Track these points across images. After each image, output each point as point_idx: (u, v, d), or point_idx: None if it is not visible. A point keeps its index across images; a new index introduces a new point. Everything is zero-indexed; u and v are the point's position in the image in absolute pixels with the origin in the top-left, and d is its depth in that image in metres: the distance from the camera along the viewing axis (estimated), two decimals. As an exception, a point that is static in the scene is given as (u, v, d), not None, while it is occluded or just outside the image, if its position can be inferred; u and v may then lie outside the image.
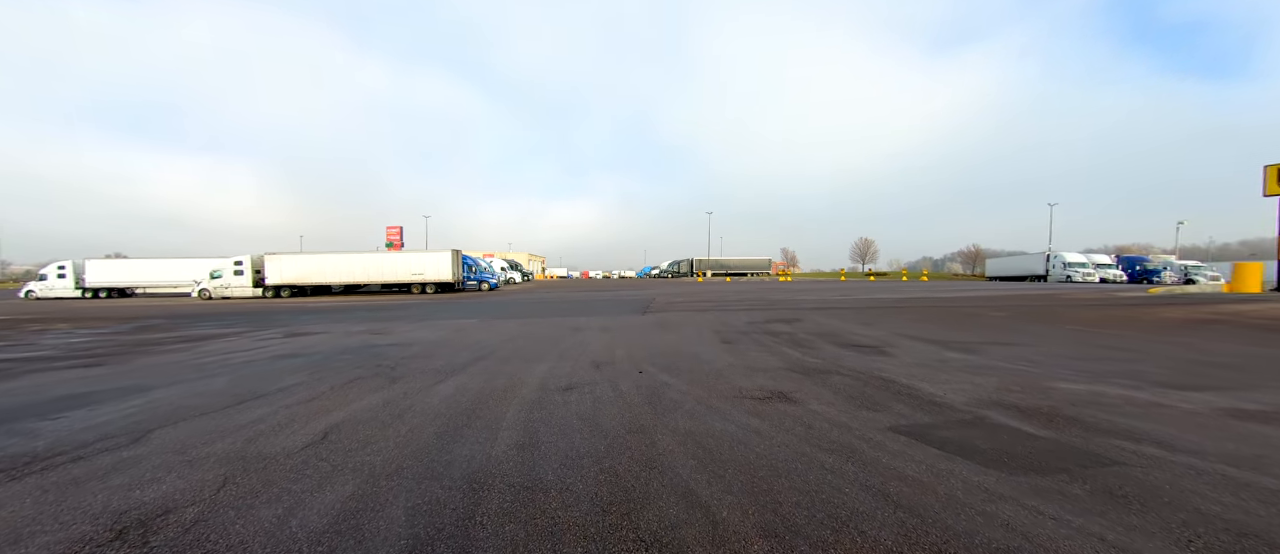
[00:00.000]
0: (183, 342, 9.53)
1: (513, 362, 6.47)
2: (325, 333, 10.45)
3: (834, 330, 9.40)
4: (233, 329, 11.73)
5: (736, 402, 4.34)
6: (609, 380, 5.27)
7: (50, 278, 34.24)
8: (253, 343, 9.05)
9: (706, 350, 7.19)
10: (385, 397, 4.67)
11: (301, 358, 7.08)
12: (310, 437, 3.52)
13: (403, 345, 8.17)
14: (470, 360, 6.60)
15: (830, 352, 6.97)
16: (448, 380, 5.36)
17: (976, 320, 10.95)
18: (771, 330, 9.54)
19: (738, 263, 77.33)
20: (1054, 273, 45.02)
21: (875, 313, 12.92)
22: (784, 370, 5.68)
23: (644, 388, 4.89)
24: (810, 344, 7.70)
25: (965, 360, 6.17)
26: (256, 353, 7.70)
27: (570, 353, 7.09)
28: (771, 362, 6.24)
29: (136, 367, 6.68)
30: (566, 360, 6.52)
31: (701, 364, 6.12)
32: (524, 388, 4.97)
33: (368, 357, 7.07)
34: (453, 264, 31.52)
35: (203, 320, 14.52)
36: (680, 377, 5.39)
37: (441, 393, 4.80)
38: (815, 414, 3.92)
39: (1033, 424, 3.59)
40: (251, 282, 30.77)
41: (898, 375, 5.30)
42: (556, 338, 8.75)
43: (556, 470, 2.88)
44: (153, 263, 35.91)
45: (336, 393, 4.87)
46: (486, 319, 12.73)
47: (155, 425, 3.85)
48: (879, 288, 30.09)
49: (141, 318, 15.93)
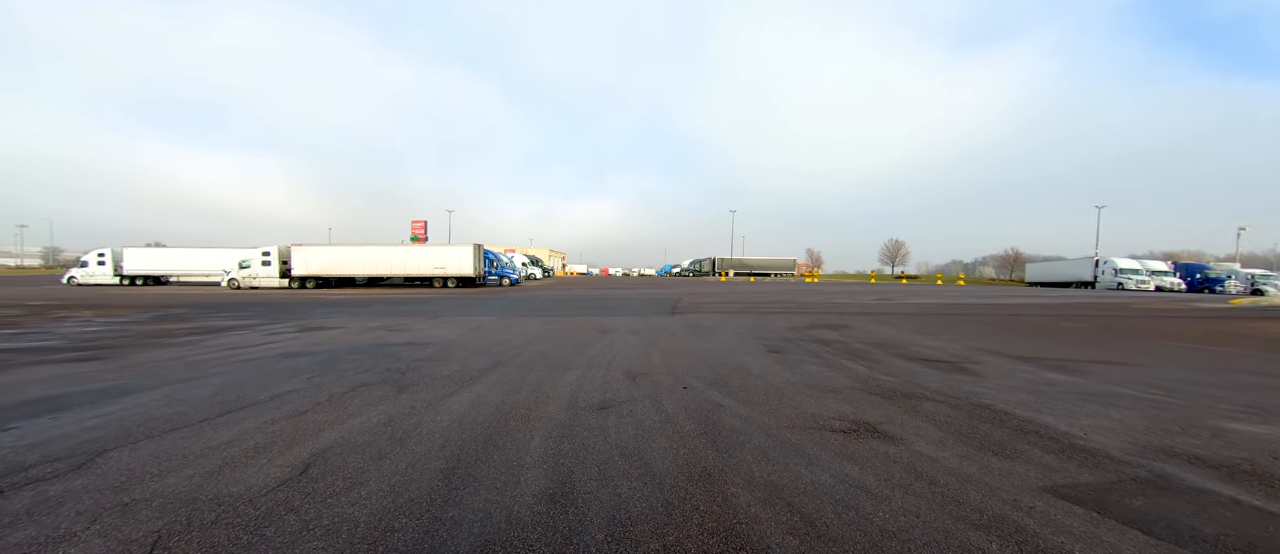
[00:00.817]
0: (194, 334, 9.11)
1: (536, 368, 5.72)
2: (340, 328, 9.92)
3: (892, 340, 8.37)
4: (249, 321, 11.35)
5: (815, 435, 3.46)
6: (649, 397, 4.45)
7: (91, 265, 35.29)
8: (263, 338, 8.54)
9: (753, 361, 6.30)
10: (389, 411, 3.95)
11: (307, 358, 6.47)
12: (287, 470, 2.79)
13: (417, 345, 7.52)
14: (489, 366, 5.87)
15: (901, 367, 5.99)
16: (462, 391, 4.63)
17: (1051, 332, 9.75)
18: (819, 338, 8.57)
19: (761, 262, 75.59)
20: (1103, 279, 42.27)
21: (928, 320, 11.78)
22: (857, 391, 4.76)
23: (694, 410, 4.05)
24: (872, 357, 6.72)
25: (1076, 384, 5.12)
26: (263, 350, 7.15)
27: (600, 359, 6.30)
28: (837, 379, 5.31)
29: (132, 363, 6.16)
30: (596, 368, 5.72)
31: (753, 379, 5.24)
32: (550, 404, 4.18)
33: (378, 358, 6.42)
34: (474, 259, 31.17)
35: (223, 311, 14.28)
36: (733, 395, 4.53)
37: (454, 409, 4.06)
38: (928, 460, 3.01)
39: (1248, 490, 2.61)
40: (278, 272, 31.01)
41: (1005, 404, 4.33)
42: (583, 341, 7.98)
43: (602, 545, 2.07)
44: (186, 252, 36.69)
45: (334, 404, 4.17)
46: (507, 317, 12.07)
47: (112, 444, 3.19)
48: (917, 292, 28.52)
49: (165, 307, 15.84)
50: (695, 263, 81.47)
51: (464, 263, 31.03)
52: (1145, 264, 41.84)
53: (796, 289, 30.65)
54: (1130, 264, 41.17)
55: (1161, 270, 41.49)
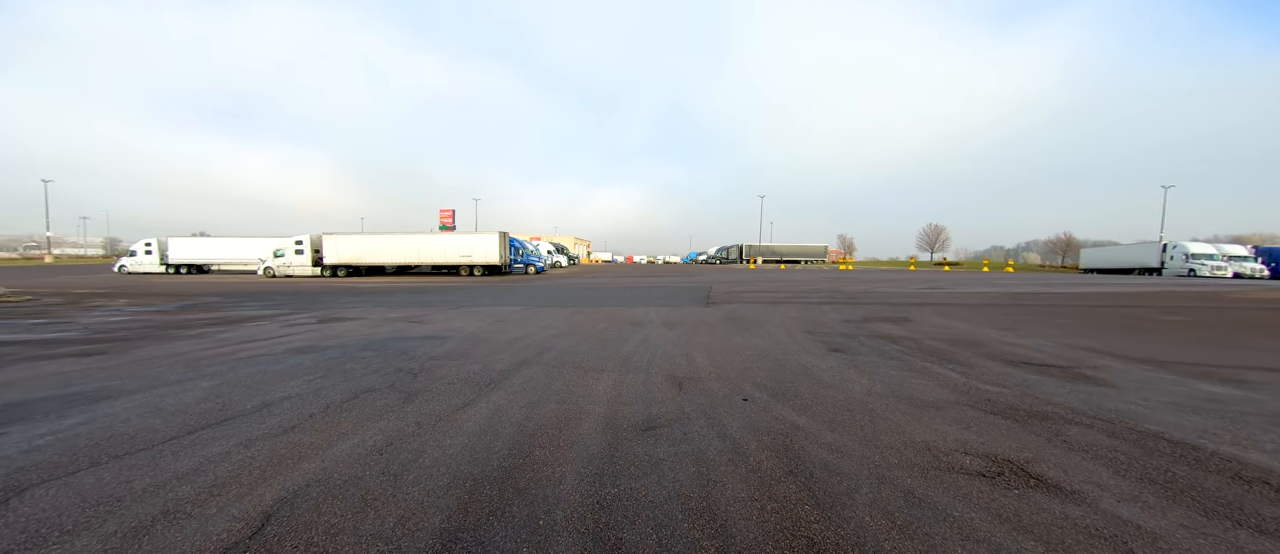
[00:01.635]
0: (213, 325, 8.77)
1: (565, 370, 4.94)
2: (360, 319, 9.44)
3: (969, 336, 7.25)
4: (273, 311, 11.05)
5: (945, 480, 2.54)
6: (704, 413, 3.60)
7: (139, 254, 36.73)
8: (279, 330, 8.09)
9: (817, 363, 5.37)
10: (389, 430, 3.23)
11: (315, 355, 5.89)
12: (237, 528, 2.07)
13: (436, 339, 6.87)
14: (511, 366, 5.13)
15: (1002, 373, 4.94)
16: (479, 401, 3.89)
17: (1158, 327, 8.39)
18: (882, 333, 7.52)
19: (791, 249, 73.30)
20: (1172, 265, 38.81)
21: (999, 312, 10.49)
22: (965, 407, 3.79)
23: (765, 434, 3.18)
24: (958, 358, 5.68)
25: (1253, 401, 3.99)
26: (273, 345, 6.63)
27: (637, 359, 5.48)
28: (930, 389, 4.33)
29: (131, 360, 5.70)
30: (635, 371, 4.91)
31: (826, 388, 4.32)
32: (584, 422, 3.39)
33: (391, 355, 5.78)
34: (500, 246, 30.87)
35: (251, 300, 14.16)
36: (808, 412, 3.64)
37: (468, 426, 3.31)
38: (1142, 534, 2.06)
39: None
40: (311, 261, 31.48)
41: (1178, 430, 3.28)
42: (615, 336, 7.18)
43: None
44: (227, 241, 37.78)
45: (328, 419, 3.49)
46: (533, 307, 11.41)
47: (44, 476, 2.56)
48: (967, 279, 26.63)
49: (198, 295, 15.92)
50: (722, 250, 79.81)
51: (490, 251, 30.77)
52: (1221, 248, 38.15)
53: (834, 277, 29.13)
54: (1204, 248, 37.58)
55: (1240, 255, 37.74)
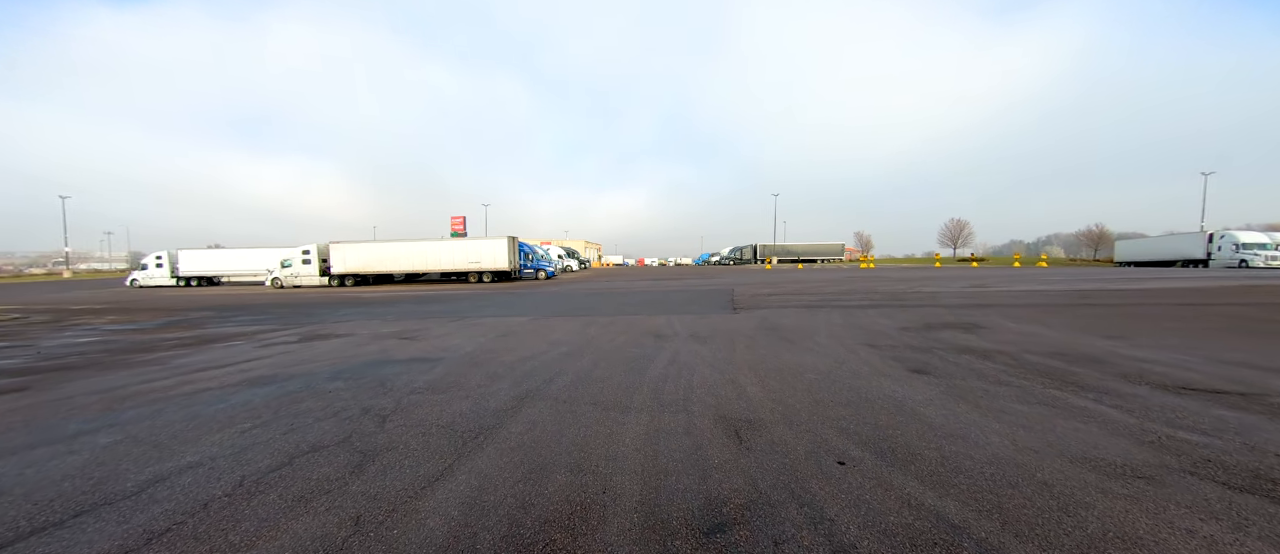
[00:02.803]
0: (180, 347, 7.78)
1: (580, 408, 3.76)
2: (347, 336, 8.38)
3: (1076, 349, 5.90)
4: (258, 327, 10.07)
5: None
6: (789, 491, 2.38)
7: (150, 268, 36.50)
8: (249, 352, 7.05)
9: (905, 391, 4.10)
10: (314, 530, 2.07)
11: (272, 388, 4.78)
12: None
13: (426, 361, 5.75)
14: (511, 401, 3.96)
15: (1176, 408, 3.62)
16: (458, 469, 2.71)
17: None
18: (959, 345, 6.21)
19: (806, 248, 71.27)
20: (1219, 257, 36.37)
21: (1077, 314, 9.06)
22: (1188, 475, 2.50)
23: (908, 543, 1.95)
24: (1087, 383, 4.36)
25: None
26: (229, 374, 5.56)
27: (670, 389, 4.28)
28: (1098, 437, 3.05)
29: (49, 398, 4.65)
30: (671, 409, 3.70)
31: (947, 439, 3.06)
32: (611, 516, 2.19)
33: (364, 388, 4.65)
34: (509, 251, 29.89)
35: (243, 314, 13.26)
36: (951, 491, 2.39)
37: (432, 523, 2.14)
38: None
39: None
40: (318, 271, 30.83)
41: None
42: (638, 354, 5.98)
43: None
44: (236, 253, 37.41)
45: (231, 506, 2.34)
46: (542, 317, 10.28)
47: None
48: (1007, 276, 24.92)
49: (191, 309, 15.11)
50: (735, 250, 78.19)
51: (499, 256, 29.83)
52: (1275, 237, 35.68)
53: (860, 276, 27.58)
54: (1257, 237, 35.12)
55: (1297, 244, 35.23)
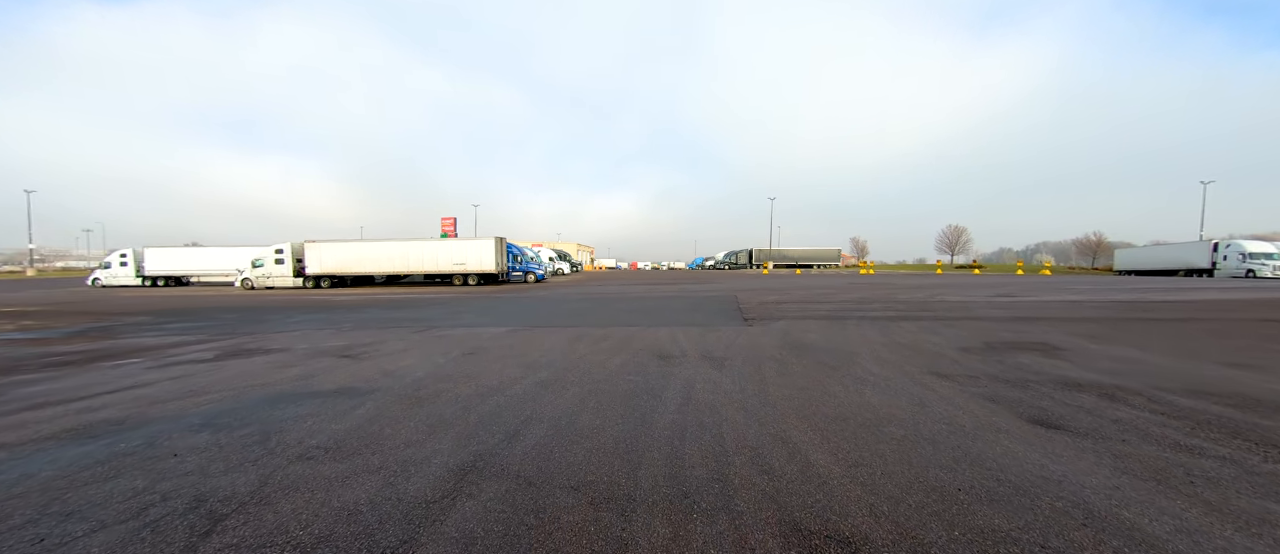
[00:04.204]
0: (65, 364, 6.16)
1: (552, 501, 2.26)
2: (281, 351, 6.81)
3: (1219, 384, 4.50)
4: (182, 337, 8.44)
5: None
6: None
7: (113, 266, 34.25)
8: (137, 375, 5.46)
9: (1061, 468, 2.66)
10: None
11: (97, 445, 3.22)
12: None
13: (351, 396, 4.22)
14: (441, 485, 2.45)
15: None
16: None
17: None
18: (1052, 374, 4.79)
19: (803, 253, 70.11)
20: (1226, 266, 35.67)
21: (1147, 330, 7.72)
22: None
23: None
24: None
25: None
26: (71, 413, 3.99)
27: (693, 457, 2.79)
28: None
29: None
30: (704, 511, 2.22)
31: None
32: None
33: (233, 448, 3.11)
34: (495, 253, 28.24)
35: (173, 322, 11.58)
36: None
37: None
38: None
39: None
40: (292, 271, 28.92)
41: None
42: (640, 386, 4.49)
43: None
44: (207, 251, 35.31)
45: None
46: (523, 328, 8.75)
47: None
48: (1025, 285, 23.77)
49: (123, 314, 13.36)
50: (730, 255, 76.97)
51: (485, 258, 28.17)
52: (1281, 247, 35.05)
53: (864, 283, 26.32)
54: (1264, 246, 34.45)
55: (1303, 253, 34.62)
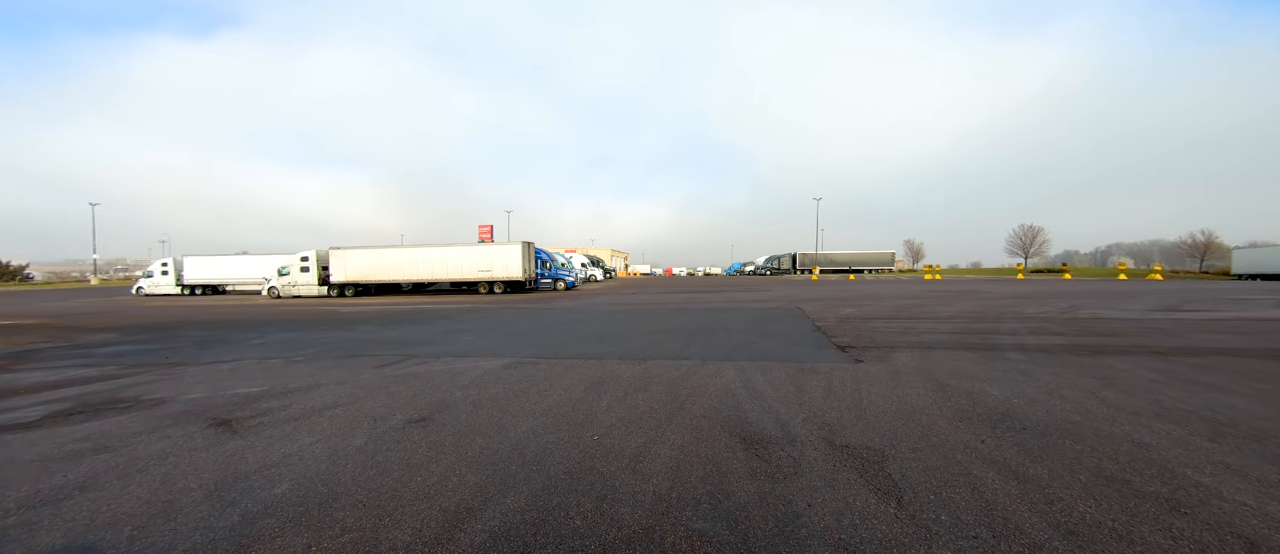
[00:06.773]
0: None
1: None
2: (151, 405, 4.80)
3: None
4: (69, 373, 6.67)
5: None
6: None
7: (155, 275, 34.93)
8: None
9: None
10: None
11: None
12: None
13: None
14: None
15: None
16: None
17: None
18: None
19: (853, 257, 65.27)
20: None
21: None
22: None
23: None
24: None
25: None
26: None
27: None
28: None
29: None
30: None
31: None
32: None
33: None
34: (523, 259, 26.49)
35: (115, 344, 10.03)
36: None
37: None
38: None
39: None
40: (317, 279, 28.18)
41: None
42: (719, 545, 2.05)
43: None
44: (241, 260, 35.40)
45: None
46: (527, 359, 6.48)
47: None
48: (1145, 292, 19.80)
49: (84, 330, 12.07)
50: (772, 260, 73.06)
51: (512, 264, 26.46)
52: None
53: (946, 291, 22.83)
54: None
55: None
